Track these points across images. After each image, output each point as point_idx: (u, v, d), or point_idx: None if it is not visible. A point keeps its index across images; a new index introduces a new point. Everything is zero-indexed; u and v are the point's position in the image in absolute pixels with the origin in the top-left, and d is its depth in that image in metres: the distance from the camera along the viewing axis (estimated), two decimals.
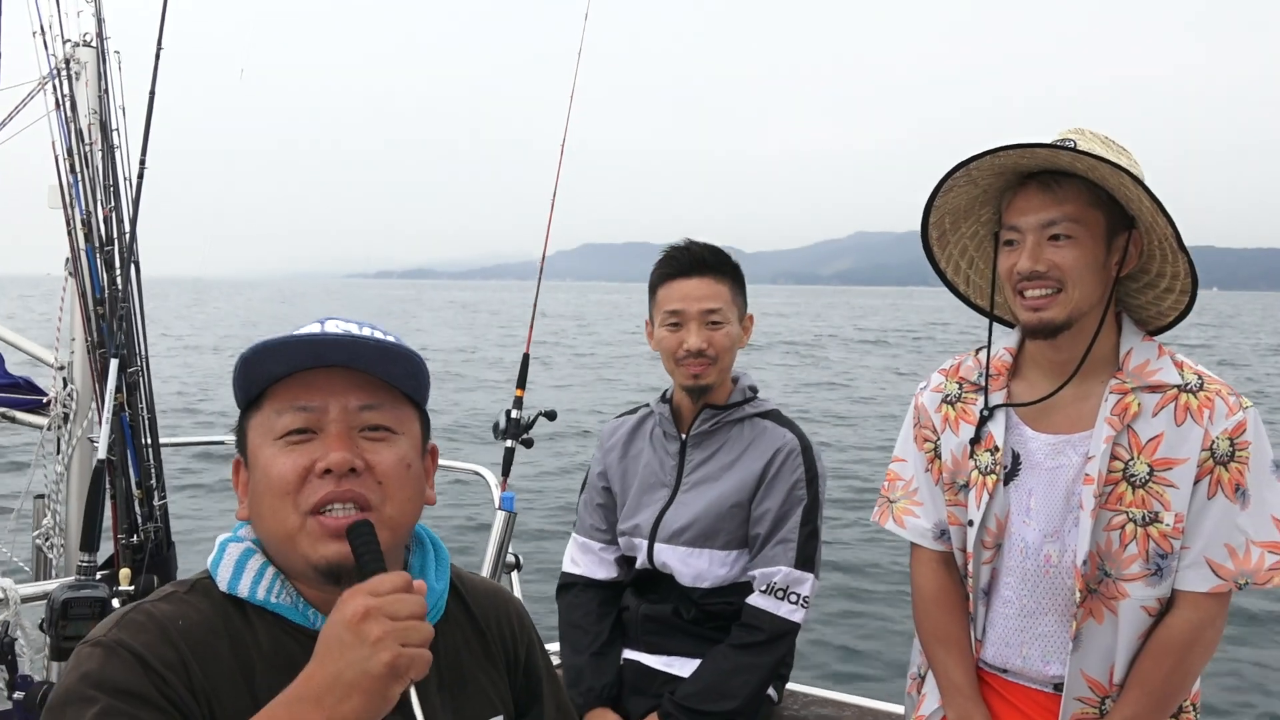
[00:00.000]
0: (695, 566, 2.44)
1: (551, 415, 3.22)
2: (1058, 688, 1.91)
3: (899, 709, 2.51)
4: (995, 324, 2.05)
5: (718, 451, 2.49)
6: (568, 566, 2.67)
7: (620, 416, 2.74)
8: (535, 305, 3.29)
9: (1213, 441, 1.79)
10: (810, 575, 2.39)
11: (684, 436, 2.53)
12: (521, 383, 3.17)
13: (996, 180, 1.90)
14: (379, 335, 1.31)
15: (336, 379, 1.27)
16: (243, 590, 1.27)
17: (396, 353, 1.28)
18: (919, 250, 2.13)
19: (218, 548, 1.32)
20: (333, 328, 1.31)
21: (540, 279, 3.39)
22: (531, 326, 3.34)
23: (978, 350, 2.08)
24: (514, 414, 3.07)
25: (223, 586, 1.27)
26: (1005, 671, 1.98)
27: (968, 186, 1.93)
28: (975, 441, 1.97)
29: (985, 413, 1.96)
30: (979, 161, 1.83)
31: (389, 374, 1.30)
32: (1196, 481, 1.79)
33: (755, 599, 2.39)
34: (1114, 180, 1.76)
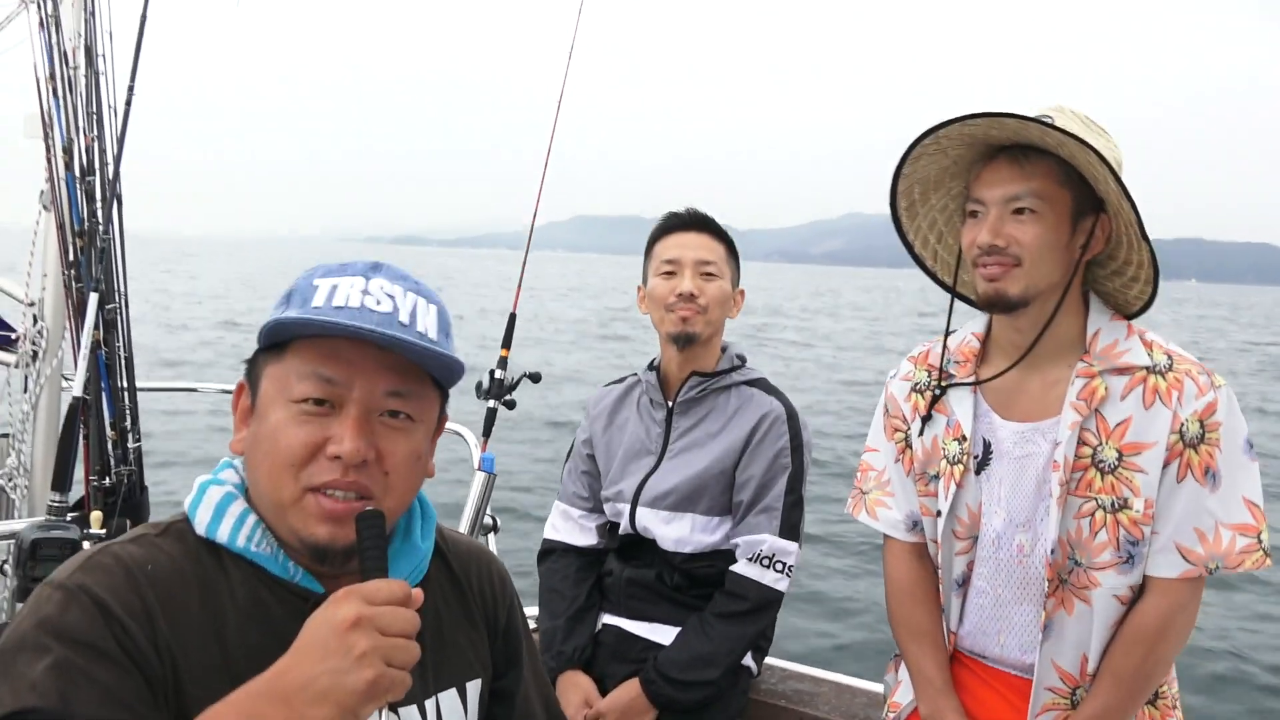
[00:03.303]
0: (677, 531, 2.45)
1: (536, 377, 3.18)
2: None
3: (878, 687, 2.51)
4: (967, 306, 2.02)
5: (704, 419, 2.49)
6: (548, 533, 2.68)
7: (607, 386, 2.75)
8: (524, 266, 3.22)
9: (1182, 424, 1.75)
10: (795, 544, 2.40)
11: (670, 404, 2.53)
12: (507, 343, 3.10)
13: (967, 152, 1.86)
14: (422, 307, 1.25)
15: (369, 354, 1.21)
16: (222, 536, 1.22)
17: (437, 357, 1.22)
18: None
19: (197, 489, 1.26)
20: (378, 290, 1.23)
21: (529, 244, 3.30)
22: (519, 289, 3.28)
23: (947, 336, 2.04)
24: (498, 374, 3.02)
25: (200, 530, 1.23)
26: (984, 657, 1.97)
27: (937, 156, 1.88)
28: (926, 420, 1.94)
29: (938, 390, 1.93)
30: (948, 130, 1.78)
31: (424, 365, 1.25)
32: (1165, 465, 1.77)
33: (740, 567, 2.38)
34: (1082, 159, 1.72)
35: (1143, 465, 1.77)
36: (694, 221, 2.52)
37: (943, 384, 1.94)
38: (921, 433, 1.97)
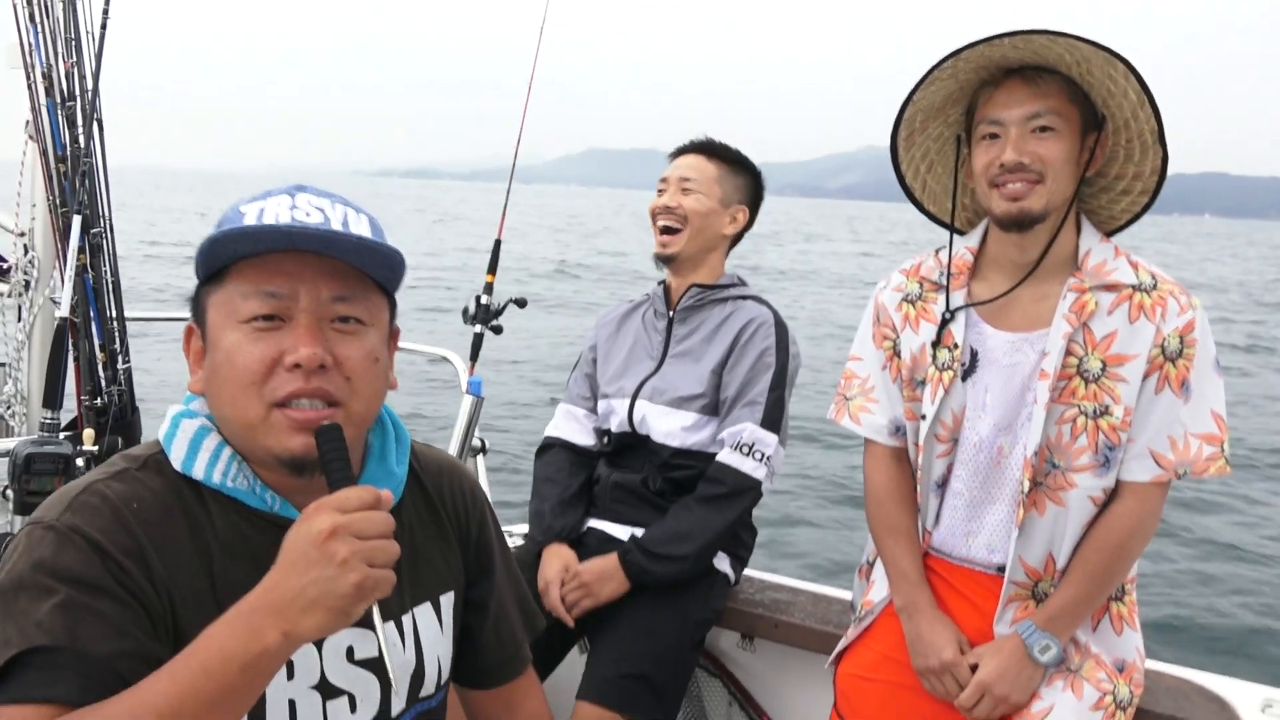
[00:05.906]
0: (670, 424, 2.56)
1: (522, 303, 3.23)
2: (999, 569, 2.00)
3: (849, 594, 2.59)
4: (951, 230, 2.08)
5: (700, 326, 2.63)
6: (549, 431, 2.78)
7: (618, 304, 2.87)
8: (508, 194, 3.25)
9: (1164, 339, 1.86)
10: (775, 436, 2.49)
11: (671, 314, 2.67)
12: (492, 269, 3.14)
13: (976, 75, 1.91)
14: (353, 216, 1.27)
15: (308, 264, 1.22)
16: (198, 472, 1.25)
17: (374, 248, 1.24)
18: None
19: (170, 422, 1.28)
20: (305, 204, 1.25)
21: (511, 179, 3.32)
22: (504, 216, 3.30)
23: (938, 250, 2.11)
24: (484, 299, 3.06)
25: (176, 466, 1.25)
26: (950, 556, 2.07)
27: (948, 81, 1.92)
28: (936, 343, 2.02)
29: (947, 315, 2.01)
30: (969, 52, 1.83)
31: (364, 264, 1.26)
32: (1146, 377, 1.87)
33: (722, 456, 2.50)
34: (1099, 73, 1.78)
35: (1125, 375, 1.87)
36: (692, 146, 2.69)
37: (951, 310, 2.00)
38: (938, 340, 2.02)
